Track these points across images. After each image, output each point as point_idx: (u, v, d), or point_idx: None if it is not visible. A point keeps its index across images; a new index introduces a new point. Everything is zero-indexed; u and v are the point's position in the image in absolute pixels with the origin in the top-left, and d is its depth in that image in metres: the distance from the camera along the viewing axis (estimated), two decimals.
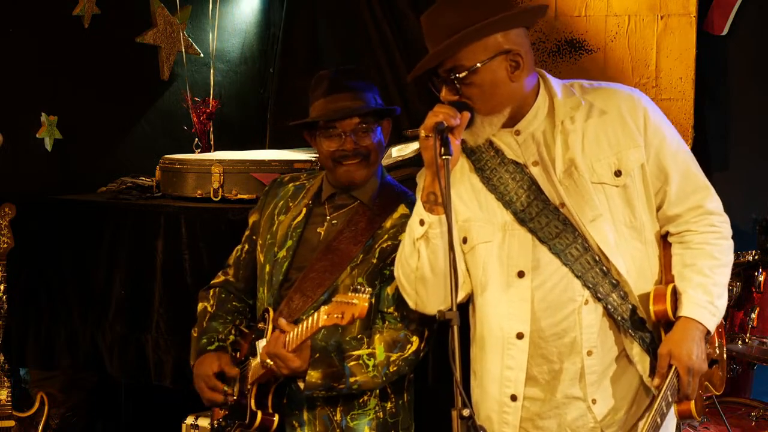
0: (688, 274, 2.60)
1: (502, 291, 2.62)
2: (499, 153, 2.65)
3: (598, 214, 2.57)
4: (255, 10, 5.41)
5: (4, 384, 4.17)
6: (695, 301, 2.56)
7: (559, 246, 2.57)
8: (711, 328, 2.58)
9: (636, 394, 2.65)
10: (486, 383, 2.68)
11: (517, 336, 2.61)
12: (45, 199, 4.37)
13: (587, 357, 2.58)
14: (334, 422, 2.92)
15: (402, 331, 2.87)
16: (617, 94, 2.67)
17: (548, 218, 2.58)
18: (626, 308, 2.58)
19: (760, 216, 3.91)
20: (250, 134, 5.27)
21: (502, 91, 2.56)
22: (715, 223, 2.66)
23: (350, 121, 2.93)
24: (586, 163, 2.59)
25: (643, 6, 4.50)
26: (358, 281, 2.90)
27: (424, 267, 2.60)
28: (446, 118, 2.47)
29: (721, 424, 3.64)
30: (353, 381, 2.84)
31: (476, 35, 2.51)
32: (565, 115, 2.62)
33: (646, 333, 2.60)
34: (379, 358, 2.84)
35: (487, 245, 2.64)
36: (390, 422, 2.96)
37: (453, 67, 2.54)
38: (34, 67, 4.52)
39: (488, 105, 2.56)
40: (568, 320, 2.58)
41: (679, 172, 2.63)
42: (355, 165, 2.95)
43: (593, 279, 2.56)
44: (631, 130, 2.61)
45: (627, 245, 2.60)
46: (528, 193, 2.60)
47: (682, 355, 2.51)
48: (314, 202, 3.06)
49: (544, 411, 2.64)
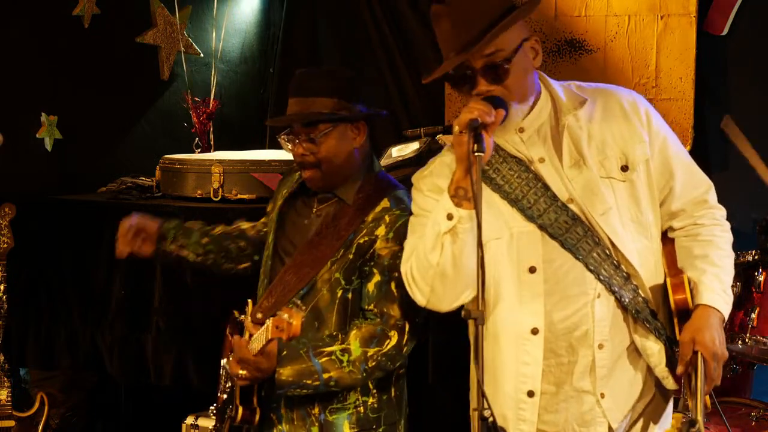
0: (700, 264, 2.62)
1: (514, 287, 2.62)
2: (500, 151, 2.65)
3: (608, 208, 2.59)
4: (255, 10, 5.41)
5: (4, 384, 4.18)
6: (711, 288, 2.59)
7: (570, 240, 2.57)
8: (726, 315, 2.61)
9: (643, 388, 2.67)
10: (501, 381, 2.66)
11: (531, 331, 2.61)
12: (45, 199, 4.38)
13: (598, 350, 2.59)
14: (312, 416, 2.90)
15: (379, 326, 2.84)
16: (617, 91, 2.70)
17: (557, 213, 2.58)
18: (639, 300, 2.60)
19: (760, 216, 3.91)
20: (250, 134, 5.27)
21: (529, 78, 2.59)
22: (718, 216, 2.71)
23: (300, 128, 2.90)
24: (594, 158, 2.60)
25: (643, 6, 4.50)
26: (335, 276, 2.89)
27: (446, 263, 2.56)
28: (481, 115, 2.43)
29: (721, 424, 3.64)
30: (327, 377, 2.81)
31: (516, 18, 2.52)
32: (569, 111, 2.63)
33: (658, 323, 2.62)
34: (355, 354, 2.82)
35: (498, 242, 2.63)
36: (372, 417, 2.93)
37: (492, 53, 2.52)
38: (34, 67, 4.52)
39: (520, 92, 2.58)
40: (580, 313, 2.58)
41: (682, 168, 2.67)
42: (309, 173, 2.93)
43: (606, 272, 2.57)
44: (635, 125, 2.63)
45: (634, 239, 2.62)
46: (534, 190, 2.60)
47: (706, 341, 2.52)
48: (303, 193, 3.04)
49: (551, 405, 2.64)
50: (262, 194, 4.10)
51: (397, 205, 2.91)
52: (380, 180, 3.01)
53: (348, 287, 2.90)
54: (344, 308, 2.90)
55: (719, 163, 4.46)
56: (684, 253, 2.67)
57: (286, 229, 3.04)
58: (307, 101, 2.89)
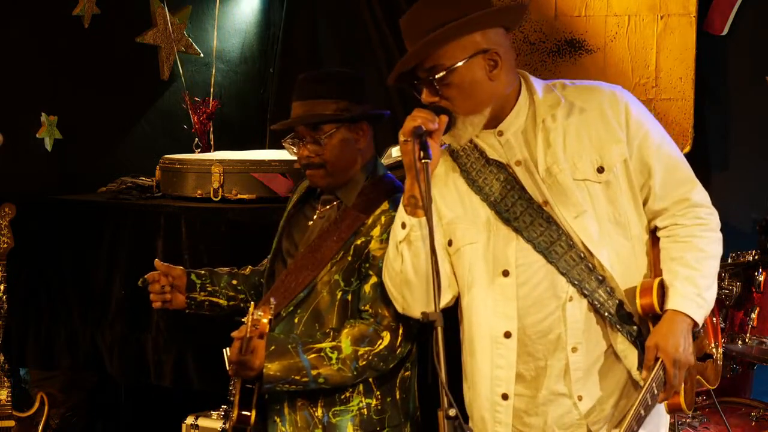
0: (674, 266, 2.59)
1: (488, 290, 2.63)
2: (482, 154, 2.66)
3: (582, 211, 2.58)
4: (255, 10, 5.41)
5: (4, 384, 4.17)
6: (682, 293, 2.56)
7: (543, 244, 2.58)
8: (699, 320, 2.57)
9: (624, 389, 2.65)
10: (477, 384, 2.69)
11: (504, 335, 2.62)
12: (45, 199, 4.37)
13: (572, 353, 2.59)
14: (315, 418, 2.91)
15: (372, 327, 2.85)
16: (598, 90, 2.67)
17: (532, 216, 2.59)
18: (613, 303, 2.58)
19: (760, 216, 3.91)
20: (250, 134, 5.28)
21: (481, 91, 2.57)
22: (702, 215, 2.65)
23: (304, 130, 2.91)
24: (568, 160, 2.60)
25: (643, 6, 4.51)
26: (335, 278, 2.90)
27: (408, 270, 2.63)
28: (424, 122, 2.48)
29: (721, 424, 3.65)
30: (317, 373, 2.81)
31: (454, 34, 2.52)
32: (546, 113, 2.63)
33: (633, 327, 2.60)
34: (346, 352, 2.82)
35: (473, 246, 2.65)
36: (375, 419, 2.94)
37: (432, 67, 2.55)
38: (34, 67, 4.52)
39: (468, 105, 2.57)
40: (553, 317, 2.59)
41: (662, 166, 2.63)
42: (313, 173, 2.94)
43: (579, 276, 2.57)
44: (613, 126, 2.61)
45: (612, 241, 2.60)
46: (512, 192, 2.61)
47: (668, 348, 2.51)
48: (307, 194, 3.08)
49: (530, 408, 2.65)
50: (262, 194, 4.10)
51: (395, 207, 2.91)
52: (384, 182, 3.02)
53: (347, 289, 2.91)
54: (344, 310, 2.91)
55: (719, 163, 4.46)
56: (662, 255, 2.64)
57: (291, 232, 3.06)
58: (311, 104, 2.91)
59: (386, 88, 4.90)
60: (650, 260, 2.67)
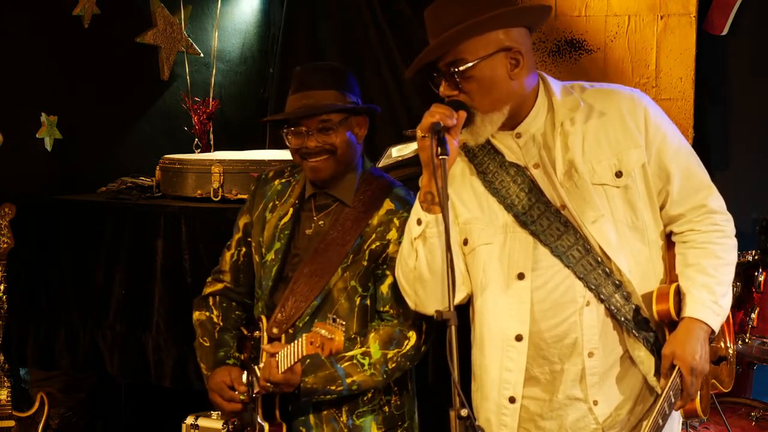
0: (691, 273, 2.59)
1: (502, 293, 2.62)
2: (500, 156, 2.64)
3: (600, 215, 2.57)
4: (255, 10, 5.41)
5: (4, 384, 4.17)
6: (699, 300, 2.55)
7: (561, 248, 2.56)
8: (715, 327, 2.57)
9: (639, 394, 2.64)
10: (485, 385, 2.68)
11: (516, 338, 2.61)
12: (45, 199, 4.37)
13: (588, 358, 2.58)
14: (340, 423, 2.92)
15: (397, 328, 2.87)
16: (617, 94, 2.66)
17: (550, 220, 2.58)
18: (629, 309, 2.57)
19: (760, 216, 3.91)
20: (250, 134, 5.28)
21: (501, 89, 2.55)
22: (719, 222, 2.65)
23: (313, 120, 2.90)
24: (587, 164, 2.58)
25: (643, 6, 4.51)
26: (351, 284, 2.90)
27: (422, 267, 2.61)
28: (442, 118, 2.46)
29: (721, 424, 3.65)
30: (350, 381, 2.84)
31: (478, 29, 2.51)
32: (565, 116, 2.61)
33: (650, 333, 2.59)
34: (375, 357, 2.84)
35: (488, 247, 2.63)
36: (396, 414, 2.98)
37: (453, 60, 2.54)
38: (34, 67, 4.51)
39: (486, 101, 2.55)
40: (569, 322, 2.57)
41: (680, 171, 2.62)
42: (321, 161, 2.92)
43: (596, 280, 2.56)
44: (632, 130, 2.60)
45: (629, 246, 2.59)
46: (529, 195, 2.60)
47: (685, 356, 2.50)
48: (300, 202, 3.04)
49: (545, 411, 2.64)
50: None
51: (402, 206, 2.93)
52: (376, 178, 3.02)
53: (365, 294, 2.92)
54: (363, 315, 2.93)
55: (719, 162, 4.46)
56: (679, 261, 2.64)
57: (294, 240, 3.02)
58: (314, 94, 2.90)
59: (386, 88, 4.91)
60: (666, 265, 2.66)
